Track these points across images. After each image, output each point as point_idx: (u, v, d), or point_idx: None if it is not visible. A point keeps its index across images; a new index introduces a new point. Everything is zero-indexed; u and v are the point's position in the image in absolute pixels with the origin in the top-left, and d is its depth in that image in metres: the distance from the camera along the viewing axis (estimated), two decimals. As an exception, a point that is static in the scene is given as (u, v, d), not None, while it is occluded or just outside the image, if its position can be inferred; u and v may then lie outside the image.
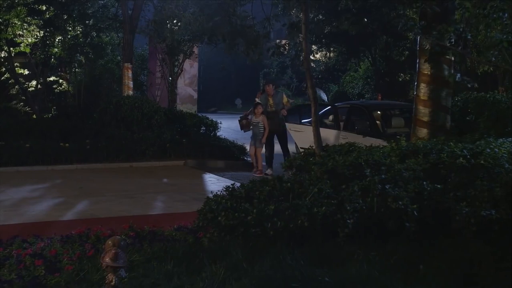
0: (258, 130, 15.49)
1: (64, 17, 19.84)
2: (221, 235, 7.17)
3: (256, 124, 15.52)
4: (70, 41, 20.11)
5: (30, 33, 19.76)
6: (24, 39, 19.84)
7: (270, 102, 15.80)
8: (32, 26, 19.66)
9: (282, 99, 15.96)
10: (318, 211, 6.90)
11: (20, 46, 19.96)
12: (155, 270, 6.30)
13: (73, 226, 8.99)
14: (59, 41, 20.16)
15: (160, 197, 12.43)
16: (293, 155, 14.14)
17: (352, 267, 6.35)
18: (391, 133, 13.80)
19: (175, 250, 7.03)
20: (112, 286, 5.65)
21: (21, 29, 19.58)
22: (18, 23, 19.41)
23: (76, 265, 6.56)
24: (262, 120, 15.44)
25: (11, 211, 10.81)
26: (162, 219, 9.67)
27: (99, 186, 13.08)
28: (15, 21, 19.31)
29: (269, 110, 15.71)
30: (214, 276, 6.07)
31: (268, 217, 6.90)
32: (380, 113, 15.09)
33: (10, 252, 7.16)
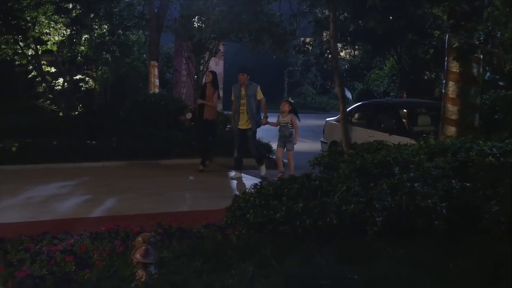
0: (287, 131, 14.52)
1: (91, 16, 19.94)
2: (249, 233, 7.18)
3: (285, 125, 14.51)
4: (97, 40, 20.22)
5: (57, 31, 19.89)
6: (51, 37, 19.98)
7: (243, 93, 14.20)
8: (59, 24, 19.79)
9: (256, 92, 14.25)
10: (346, 209, 6.89)
11: (47, 44, 20.11)
12: (184, 266, 6.32)
13: (101, 223, 9.05)
14: (86, 40, 20.29)
15: (186, 194, 12.49)
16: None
17: (381, 265, 6.33)
18: (417, 131, 13.75)
19: (203, 247, 7.06)
20: (143, 282, 5.71)
21: (48, 27, 19.71)
22: (45, 21, 19.55)
23: (107, 261, 6.60)
24: (290, 119, 14.49)
25: (40, 208, 10.91)
26: (189, 217, 9.73)
27: (125, 184, 13.16)
28: (42, 19, 19.45)
29: (240, 102, 14.23)
30: (243, 273, 6.07)
31: (297, 214, 6.90)
32: (406, 111, 15.04)
33: (40, 248, 7.23)
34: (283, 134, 14.53)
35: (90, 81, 21.25)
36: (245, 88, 14.16)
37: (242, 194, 7.74)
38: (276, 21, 12.57)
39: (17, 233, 8.06)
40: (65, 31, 20.00)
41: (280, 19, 12.95)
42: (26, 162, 14.81)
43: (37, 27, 19.53)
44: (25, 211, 10.61)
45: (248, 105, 14.13)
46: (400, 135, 13.34)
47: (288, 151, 14.61)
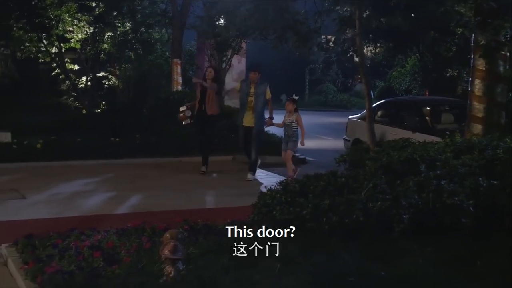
0: (290, 130, 13.57)
1: (114, 13, 20.04)
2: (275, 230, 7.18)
3: (289, 124, 13.58)
4: (120, 37, 20.32)
5: (80, 29, 20.03)
6: (74, 35, 20.11)
7: (252, 90, 13.65)
8: (82, 22, 19.93)
9: (266, 92, 13.71)
10: (373, 206, 6.89)
11: (70, 42, 20.25)
12: (211, 263, 6.34)
13: (127, 219, 9.13)
14: (109, 37, 20.40)
15: (210, 191, 12.51)
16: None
17: (408, 262, 6.33)
18: (441, 129, 13.71)
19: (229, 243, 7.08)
20: (171, 278, 5.76)
21: (71, 25, 19.86)
22: (69, 19, 19.70)
23: (134, 257, 6.66)
24: (296, 119, 13.54)
25: (66, 204, 10.99)
26: (213, 213, 9.76)
27: (149, 181, 13.22)
28: (65, 17, 19.60)
29: (248, 99, 13.70)
30: (270, 270, 6.09)
31: (323, 211, 6.90)
32: (430, 109, 14.99)
33: (68, 244, 7.33)
34: (286, 134, 13.69)
35: (113, 79, 21.36)
36: (254, 86, 13.64)
37: (268, 191, 7.74)
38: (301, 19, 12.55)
39: (44, 229, 8.15)
40: (88, 29, 20.13)
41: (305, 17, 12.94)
42: (51, 159, 14.88)
43: (61, 25, 19.68)
44: (51, 207, 10.71)
45: (256, 103, 13.61)
46: (424, 133, 13.29)
47: (289, 149, 13.62)
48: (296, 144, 13.61)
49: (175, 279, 5.75)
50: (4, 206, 10.79)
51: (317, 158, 18.31)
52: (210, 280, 5.63)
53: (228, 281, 5.66)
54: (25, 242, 7.57)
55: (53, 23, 19.52)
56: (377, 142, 10.14)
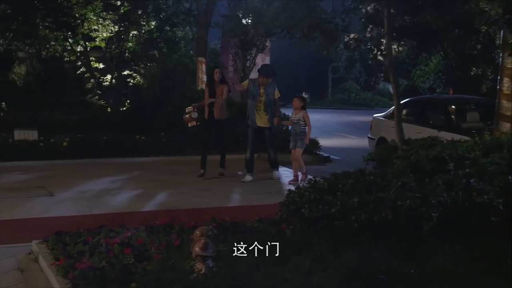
0: (299, 128, 13.28)
1: (139, 12, 20.14)
2: (304, 227, 7.22)
3: (297, 122, 13.29)
4: (144, 36, 20.42)
5: (105, 28, 20.17)
6: (99, 33, 20.26)
7: (262, 91, 13.32)
8: (107, 21, 20.07)
9: (275, 92, 13.49)
10: (402, 204, 6.89)
11: (95, 41, 20.40)
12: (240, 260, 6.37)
13: (154, 216, 9.22)
14: (133, 36, 20.50)
15: (235, 189, 12.52)
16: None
17: (437, 260, 6.32)
18: (466, 127, 13.65)
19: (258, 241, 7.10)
20: (202, 274, 5.79)
21: (96, 24, 20.00)
22: (94, 18, 19.84)
23: (164, 254, 6.70)
24: (303, 116, 13.21)
25: (93, 201, 11.10)
26: (239, 211, 9.81)
27: (175, 178, 13.27)
28: (91, 17, 19.75)
29: (258, 100, 13.36)
30: (300, 267, 6.11)
31: (352, 209, 6.92)
32: (455, 107, 14.93)
33: (98, 241, 7.37)
34: (294, 132, 13.38)
35: (138, 77, 21.47)
36: (264, 87, 13.33)
37: (296, 189, 7.76)
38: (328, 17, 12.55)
39: (72, 226, 8.22)
40: (113, 28, 20.25)
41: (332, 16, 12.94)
42: (77, 157, 15.03)
43: (86, 24, 19.85)
44: (79, 205, 10.80)
45: (268, 104, 13.32)
46: (449, 132, 13.24)
47: (297, 148, 13.33)
48: (304, 143, 13.38)
49: (206, 275, 5.78)
50: (33, 203, 10.92)
51: (341, 156, 18.32)
52: (242, 276, 5.65)
53: (259, 278, 5.68)
54: (55, 239, 7.64)
55: (78, 22, 19.69)
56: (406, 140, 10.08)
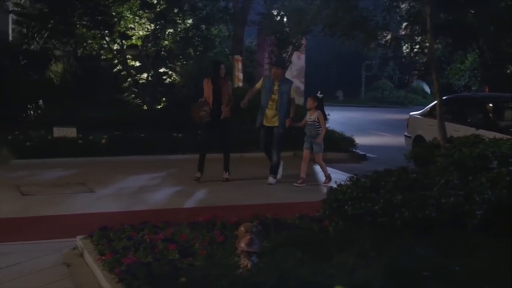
0: (314, 130, 12.73)
1: (175, 11, 20.25)
2: (346, 224, 7.25)
3: (312, 124, 12.71)
4: (180, 34, 20.52)
5: (141, 26, 20.31)
6: (135, 32, 20.41)
7: (275, 88, 12.76)
8: (143, 19, 20.20)
9: (290, 90, 12.83)
10: (446, 202, 6.89)
11: (131, 39, 20.55)
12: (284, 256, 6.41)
13: (194, 213, 9.36)
14: (169, 34, 20.62)
15: (272, 186, 12.54)
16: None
17: (481, 258, 6.31)
18: (504, 125, 13.56)
19: (300, 237, 7.16)
20: (247, 270, 5.84)
21: (133, 22, 20.15)
22: (130, 17, 20.00)
23: (208, 250, 6.76)
24: (317, 117, 12.66)
25: (133, 198, 11.24)
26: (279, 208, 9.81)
27: (212, 176, 13.28)
28: (127, 15, 19.90)
29: (271, 97, 12.78)
30: (344, 264, 6.14)
31: (396, 207, 6.93)
32: (492, 105, 14.82)
33: (142, 237, 7.46)
34: (310, 134, 12.79)
35: (173, 75, 21.58)
36: (278, 84, 12.75)
37: (339, 186, 7.78)
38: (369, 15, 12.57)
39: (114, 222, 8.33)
40: (149, 26, 20.38)
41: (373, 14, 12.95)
42: (115, 154, 15.18)
43: (123, 22, 19.99)
44: (119, 201, 10.95)
45: (280, 102, 12.66)
46: (487, 130, 13.15)
47: (316, 154, 12.88)
48: (322, 145, 12.89)
49: (251, 271, 5.83)
50: (74, 199, 11.08)
51: (377, 154, 18.29)
52: (289, 272, 5.69)
53: (305, 274, 5.71)
54: (99, 234, 7.74)
55: (115, 20, 19.84)
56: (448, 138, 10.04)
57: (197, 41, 20.70)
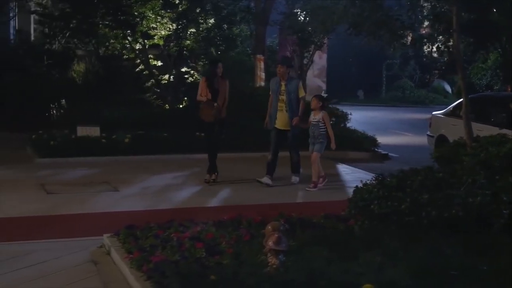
0: (317, 130, 12.08)
1: (197, 10, 20.32)
2: (372, 223, 7.26)
3: (316, 124, 12.07)
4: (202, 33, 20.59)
5: (163, 26, 20.39)
6: (157, 31, 20.49)
7: (282, 88, 12.30)
8: (166, 19, 20.27)
9: (298, 88, 12.33)
10: (473, 201, 6.88)
11: (154, 39, 20.63)
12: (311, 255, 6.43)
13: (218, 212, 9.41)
14: (191, 34, 20.69)
15: (296, 186, 12.54)
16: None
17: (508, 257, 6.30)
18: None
19: (326, 236, 7.18)
20: (275, 268, 5.87)
21: (155, 22, 20.23)
22: (152, 16, 20.07)
23: (235, 248, 6.79)
24: (322, 118, 12.07)
25: (157, 197, 11.30)
26: (303, 207, 9.89)
27: (236, 175, 13.34)
28: (149, 15, 19.98)
29: (279, 98, 12.35)
30: (371, 263, 6.16)
31: (422, 206, 6.94)
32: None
33: (169, 235, 7.51)
34: (313, 135, 12.12)
35: (195, 74, 21.64)
36: (285, 83, 12.29)
37: (364, 185, 7.79)
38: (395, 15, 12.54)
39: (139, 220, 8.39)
40: (171, 26, 20.46)
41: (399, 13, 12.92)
42: (138, 153, 15.25)
43: (145, 22, 20.08)
44: (144, 200, 11.00)
45: (288, 102, 12.21)
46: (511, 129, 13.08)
47: (316, 152, 12.11)
48: (323, 146, 12.13)
49: (279, 269, 5.85)
50: (99, 198, 11.15)
51: (399, 153, 18.24)
52: (318, 270, 5.71)
53: (334, 272, 5.73)
54: (126, 233, 7.78)
55: (137, 20, 19.94)
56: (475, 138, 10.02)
57: (219, 41, 20.74)
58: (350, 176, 13.59)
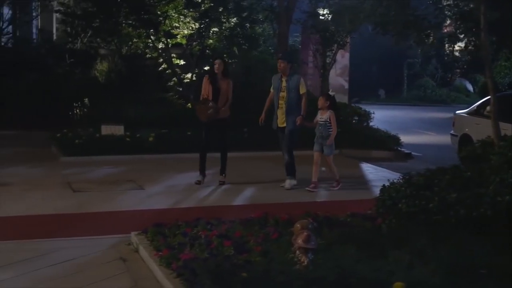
0: (325, 131, 11.73)
1: (220, 10, 20.38)
2: (400, 222, 7.27)
3: (323, 124, 11.70)
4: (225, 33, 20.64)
5: (185, 25, 20.46)
6: (180, 30, 20.57)
7: (283, 84, 11.92)
8: (188, 18, 20.34)
9: (299, 84, 11.87)
10: (501, 200, 6.86)
11: (176, 38, 20.72)
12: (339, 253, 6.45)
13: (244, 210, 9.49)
14: (214, 33, 20.75)
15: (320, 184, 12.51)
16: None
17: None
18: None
19: (354, 235, 7.21)
20: (305, 266, 5.91)
21: (177, 21, 20.30)
22: (175, 16, 20.15)
23: (263, 246, 6.84)
24: (329, 117, 11.66)
25: (183, 195, 11.36)
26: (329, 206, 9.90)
27: (258, 173, 13.40)
28: (172, 14, 20.06)
29: (279, 95, 11.96)
30: (399, 261, 6.18)
31: (450, 205, 6.93)
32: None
33: (197, 233, 7.57)
34: (320, 135, 11.74)
35: (218, 73, 21.65)
36: (286, 79, 11.88)
37: (391, 184, 7.79)
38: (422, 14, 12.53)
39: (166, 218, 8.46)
40: (194, 25, 20.52)
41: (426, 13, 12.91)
42: (162, 152, 15.32)
43: (168, 21, 20.14)
44: (170, 198, 11.07)
45: (288, 99, 11.83)
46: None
47: (327, 156, 11.84)
48: (333, 147, 11.90)
49: (309, 267, 5.89)
50: (125, 196, 11.22)
51: (421, 152, 18.21)
52: (348, 268, 5.74)
53: (365, 270, 5.76)
54: (154, 230, 7.85)
55: (160, 19, 20.01)
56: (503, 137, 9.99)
57: (241, 40, 20.78)
58: (374, 175, 13.58)
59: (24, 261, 7.27)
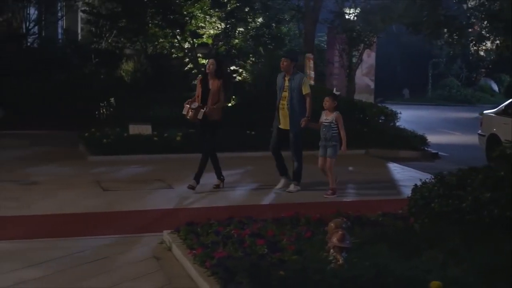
0: (329, 133, 11.11)
1: (246, 9, 20.44)
2: (433, 222, 7.26)
3: (328, 125, 11.09)
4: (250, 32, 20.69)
5: (211, 25, 20.55)
6: (206, 30, 20.66)
7: (286, 84, 11.45)
8: (214, 18, 20.43)
9: (302, 84, 11.39)
10: (536, 200, 6.84)
11: (202, 37, 20.80)
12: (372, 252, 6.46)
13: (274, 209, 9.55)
14: (240, 32, 20.81)
15: (349, 185, 12.51)
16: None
17: None
18: None
19: (386, 234, 7.21)
20: (340, 265, 5.93)
21: (203, 21, 20.39)
22: (201, 16, 20.24)
23: (296, 245, 6.86)
24: (335, 118, 11.05)
25: (213, 194, 11.42)
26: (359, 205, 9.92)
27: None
28: (198, 14, 20.15)
29: (282, 95, 11.55)
30: (433, 260, 6.18)
31: (484, 204, 6.91)
32: None
33: (229, 232, 7.60)
34: (324, 137, 11.13)
35: (244, 73, 21.75)
36: (289, 79, 11.40)
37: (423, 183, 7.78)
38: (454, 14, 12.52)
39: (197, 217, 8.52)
40: (220, 25, 20.60)
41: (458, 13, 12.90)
42: (189, 151, 15.30)
43: (194, 21, 20.24)
44: (199, 197, 11.11)
45: (290, 99, 11.38)
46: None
47: (329, 158, 11.17)
48: (337, 150, 11.16)
49: (343, 266, 5.91)
50: (154, 195, 11.31)
51: (448, 153, 18.14)
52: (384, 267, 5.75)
53: (401, 269, 5.77)
54: (187, 229, 7.89)
55: (186, 19, 20.11)
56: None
57: (267, 40, 20.83)
58: (401, 175, 13.54)
59: (57, 259, 7.35)
